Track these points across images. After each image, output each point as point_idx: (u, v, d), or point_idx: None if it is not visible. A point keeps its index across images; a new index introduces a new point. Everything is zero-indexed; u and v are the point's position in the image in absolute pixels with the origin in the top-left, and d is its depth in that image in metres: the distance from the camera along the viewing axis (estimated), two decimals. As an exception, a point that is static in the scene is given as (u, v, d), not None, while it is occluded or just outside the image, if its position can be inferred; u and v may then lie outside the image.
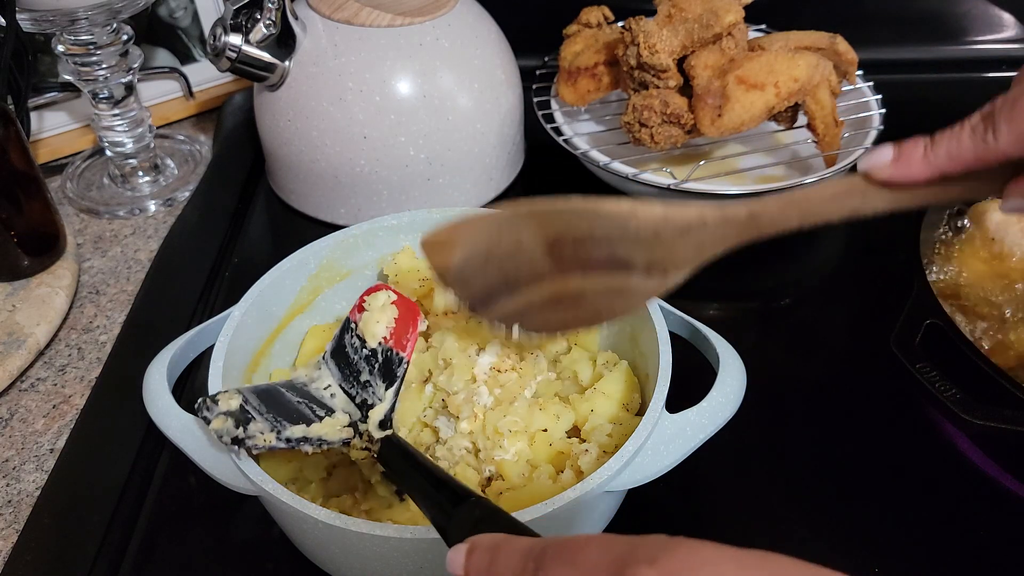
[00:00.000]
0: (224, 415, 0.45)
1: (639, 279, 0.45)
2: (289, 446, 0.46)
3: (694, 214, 0.43)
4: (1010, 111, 0.37)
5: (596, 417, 0.52)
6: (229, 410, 0.45)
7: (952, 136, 0.38)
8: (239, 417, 0.45)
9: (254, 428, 0.45)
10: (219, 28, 0.69)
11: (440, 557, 0.42)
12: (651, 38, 0.69)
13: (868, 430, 0.58)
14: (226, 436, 0.44)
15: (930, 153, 0.38)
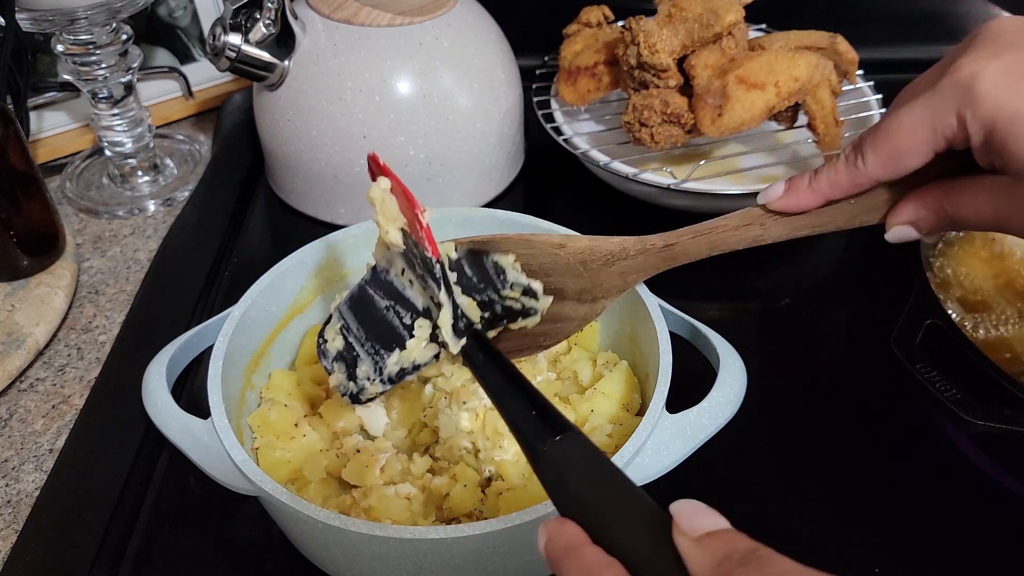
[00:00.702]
0: (337, 362, 0.46)
1: (572, 306, 0.48)
2: (392, 386, 0.47)
3: (616, 244, 0.47)
4: (873, 139, 0.40)
5: (596, 417, 0.52)
6: (338, 351, 0.47)
7: (831, 166, 0.42)
8: (347, 358, 0.47)
9: (362, 373, 0.47)
10: (218, 27, 0.69)
11: (440, 557, 0.42)
12: (651, 38, 0.69)
13: (868, 430, 0.58)
14: (345, 393, 0.45)
15: (814, 182, 0.42)
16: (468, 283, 0.48)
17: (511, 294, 0.48)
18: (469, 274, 0.48)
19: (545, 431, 0.35)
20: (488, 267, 0.48)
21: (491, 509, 0.48)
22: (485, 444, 0.50)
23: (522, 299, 0.48)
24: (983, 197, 0.39)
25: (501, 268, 0.48)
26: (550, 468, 0.33)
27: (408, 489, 0.49)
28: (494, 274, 0.48)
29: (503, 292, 0.48)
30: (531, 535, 0.43)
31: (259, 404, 0.54)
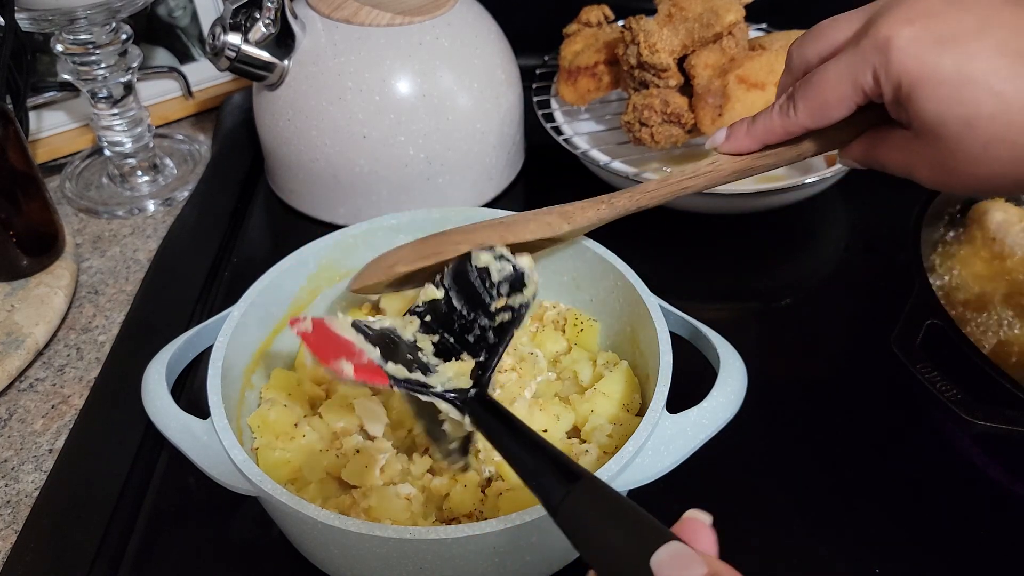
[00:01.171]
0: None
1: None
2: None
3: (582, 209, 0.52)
4: (804, 91, 0.44)
5: (596, 417, 0.52)
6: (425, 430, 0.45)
7: (766, 114, 0.47)
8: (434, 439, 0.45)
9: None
10: (218, 27, 0.69)
11: (440, 557, 0.42)
12: (651, 37, 0.69)
13: (868, 430, 0.58)
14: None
15: (751, 128, 0.47)
16: (458, 321, 0.48)
17: (499, 304, 0.48)
18: (458, 307, 0.49)
19: (559, 483, 0.35)
20: (473, 279, 0.49)
21: (491, 509, 0.48)
22: (485, 444, 0.50)
23: (510, 300, 0.48)
24: (895, 149, 0.44)
25: (485, 272, 0.48)
26: (568, 519, 0.34)
27: (408, 489, 0.49)
28: (480, 285, 0.48)
29: (492, 307, 0.48)
30: (531, 535, 0.43)
31: (259, 404, 0.54)
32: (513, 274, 0.48)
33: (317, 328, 0.45)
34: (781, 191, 0.70)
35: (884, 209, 0.77)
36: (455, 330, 0.48)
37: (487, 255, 0.49)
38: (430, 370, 0.45)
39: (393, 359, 0.45)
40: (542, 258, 0.60)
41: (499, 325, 0.48)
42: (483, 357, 0.47)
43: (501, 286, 0.48)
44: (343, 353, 0.43)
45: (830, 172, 0.72)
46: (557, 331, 0.59)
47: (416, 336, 0.48)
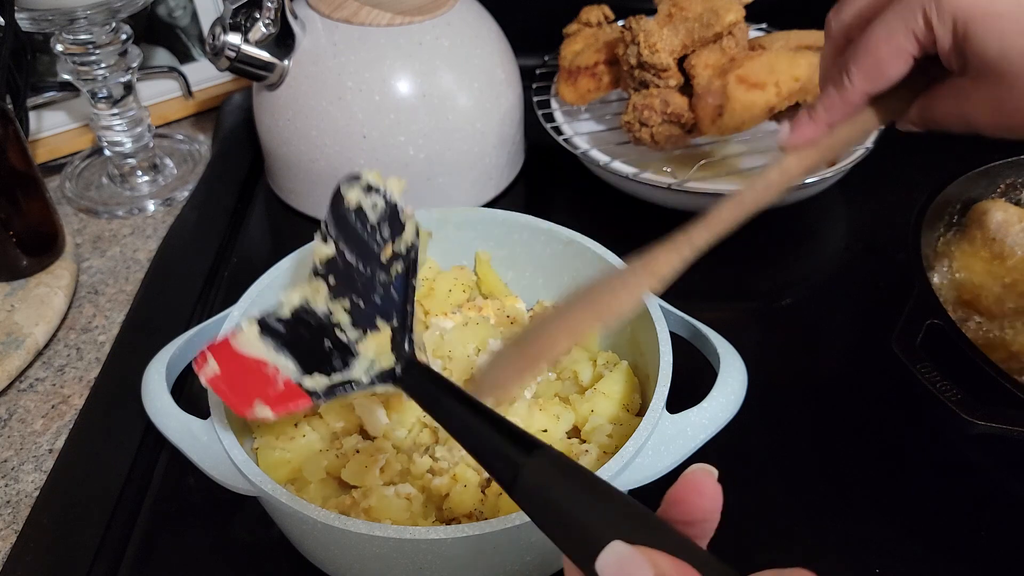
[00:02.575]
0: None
1: None
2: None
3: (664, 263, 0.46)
4: (855, 56, 0.42)
5: (596, 417, 0.52)
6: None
7: (824, 95, 0.44)
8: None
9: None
10: (218, 27, 0.69)
11: (440, 557, 0.42)
12: (651, 37, 0.69)
13: (869, 430, 0.58)
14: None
15: (812, 114, 0.45)
16: (359, 280, 0.44)
17: (387, 253, 0.44)
18: (353, 262, 0.44)
19: (513, 454, 0.32)
20: (353, 222, 0.44)
21: (491, 509, 0.48)
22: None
23: (396, 246, 0.44)
24: (952, 100, 0.42)
25: (361, 213, 0.44)
26: (527, 493, 0.31)
27: (408, 489, 0.49)
28: (361, 230, 0.44)
29: (382, 256, 0.44)
30: (531, 535, 0.43)
31: (259, 404, 0.54)
32: (387, 208, 0.44)
33: (223, 360, 0.42)
34: (781, 191, 0.70)
35: (884, 209, 0.77)
36: (360, 291, 0.44)
37: (355, 191, 0.45)
38: (352, 353, 0.42)
39: (311, 359, 0.42)
40: (539, 259, 0.60)
41: (396, 279, 0.44)
42: (395, 322, 0.43)
43: (382, 228, 0.44)
44: (257, 384, 0.41)
45: (830, 172, 0.72)
46: (557, 331, 0.59)
47: (329, 305, 0.44)
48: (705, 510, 0.28)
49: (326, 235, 0.46)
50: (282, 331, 0.43)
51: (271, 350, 0.43)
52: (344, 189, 0.45)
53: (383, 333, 0.43)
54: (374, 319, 0.43)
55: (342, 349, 0.43)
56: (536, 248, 0.60)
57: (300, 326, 0.44)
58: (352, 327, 0.44)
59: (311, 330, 0.44)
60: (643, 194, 0.75)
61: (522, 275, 0.61)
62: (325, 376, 0.42)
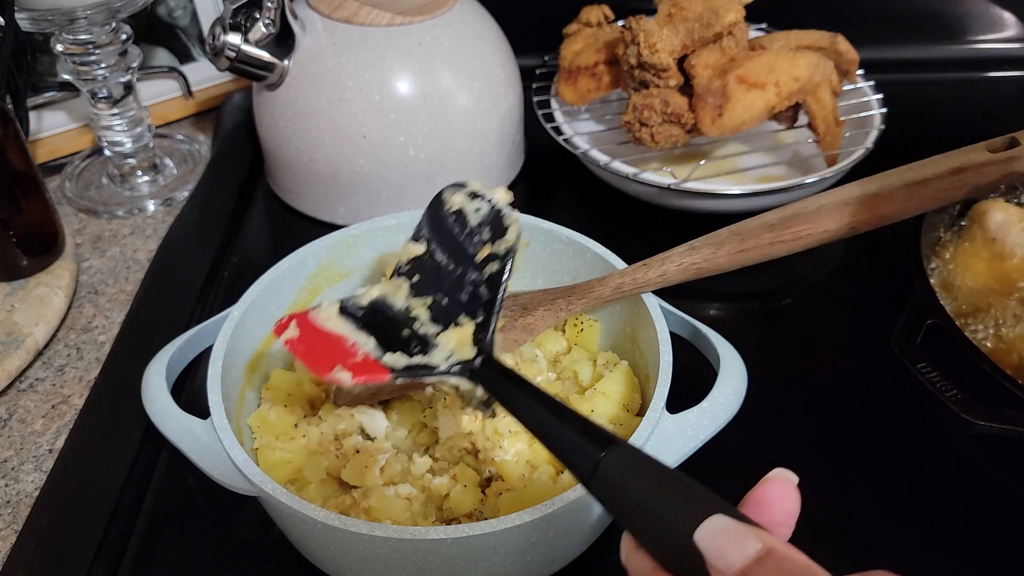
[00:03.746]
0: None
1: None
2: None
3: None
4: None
5: (596, 417, 0.52)
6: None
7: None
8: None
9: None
10: (218, 27, 0.69)
11: (440, 558, 0.42)
12: (651, 37, 0.69)
13: (869, 430, 0.58)
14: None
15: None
16: (447, 278, 0.45)
17: (483, 253, 0.44)
18: (443, 262, 0.45)
19: (590, 448, 0.33)
20: (450, 224, 0.45)
21: (491, 509, 0.48)
22: (485, 444, 0.50)
23: (494, 248, 0.44)
24: None
25: (461, 215, 0.45)
26: (603, 487, 0.32)
27: (408, 489, 0.49)
28: (459, 232, 0.45)
29: (477, 258, 0.44)
30: (531, 535, 0.43)
31: (259, 404, 0.54)
32: (491, 213, 0.45)
33: (304, 329, 0.43)
34: (781, 191, 0.70)
35: (884, 209, 0.77)
36: (446, 289, 0.45)
37: (459, 195, 0.46)
38: (430, 344, 0.43)
39: (389, 343, 0.42)
40: (539, 259, 0.60)
41: (488, 278, 0.44)
42: (481, 317, 0.43)
43: (482, 230, 0.45)
44: (336, 354, 0.41)
45: (830, 172, 0.72)
46: (557, 331, 0.59)
47: (409, 302, 0.45)
48: (786, 512, 0.28)
49: (420, 237, 0.47)
50: (360, 315, 0.44)
51: (350, 327, 0.43)
52: (446, 194, 0.46)
53: (465, 328, 0.43)
54: (457, 315, 0.44)
55: (419, 339, 0.43)
56: (536, 248, 0.60)
57: (377, 315, 0.45)
58: (431, 322, 0.44)
59: (388, 320, 0.44)
60: (643, 194, 0.76)
61: (522, 275, 0.61)
62: (404, 355, 0.42)
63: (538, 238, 0.59)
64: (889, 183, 0.54)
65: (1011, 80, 0.96)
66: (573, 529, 0.47)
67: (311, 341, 0.43)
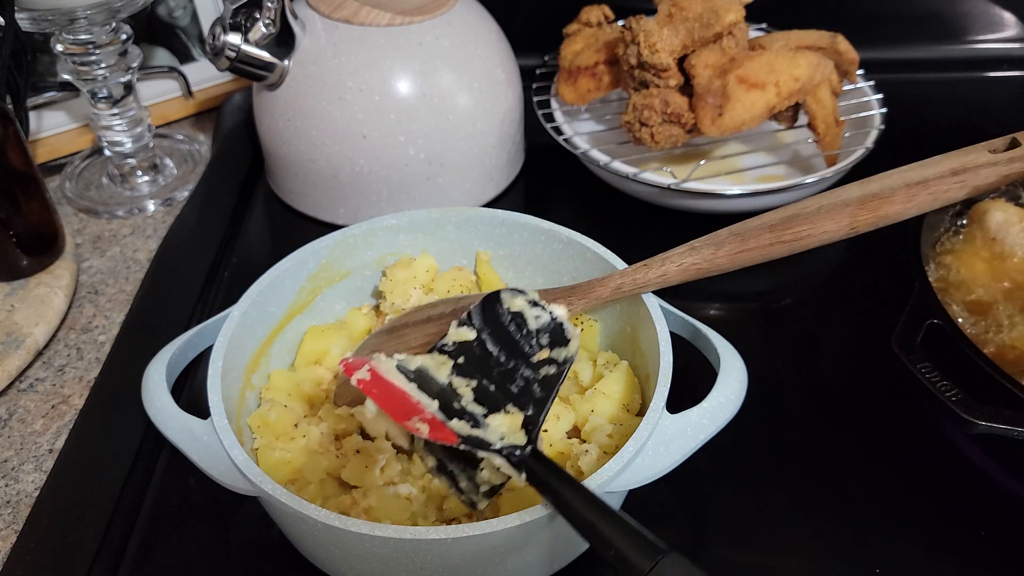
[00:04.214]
0: (440, 475, 0.45)
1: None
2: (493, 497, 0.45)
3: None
4: None
5: (596, 417, 0.52)
6: (433, 467, 0.45)
7: None
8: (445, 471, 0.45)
9: (465, 488, 0.45)
10: (218, 27, 0.69)
11: (440, 558, 0.42)
12: (651, 37, 0.69)
13: (869, 430, 0.58)
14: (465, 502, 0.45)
15: None
16: (496, 368, 0.47)
17: (541, 356, 0.47)
18: (494, 353, 0.47)
19: (641, 556, 0.35)
20: (506, 323, 0.48)
21: (491, 509, 0.48)
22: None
23: (553, 354, 0.47)
24: None
25: (521, 317, 0.48)
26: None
27: (408, 489, 0.49)
28: (516, 331, 0.47)
29: (532, 357, 0.47)
30: (531, 535, 0.43)
31: (259, 404, 0.54)
32: (551, 323, 0.47)
33: (373, 374, 0.44)
34: (781, 191, 0.70)
35: (884, 209, 0.77)
36: (494, 377, 0.47)
37: (520, 299, 0.48)
38: (479, 423, 0.44)
39: (447, 410, 0.44)
40: (539, 259, 0.60)
41: (543, 378, 0.46)
42: (530, 411, 0.45)
43: (541, 336, 0.47)
44: (404, 406, 0.43)
45: (830, 172, 0.72)
46: (557, 331, 0.59)
47: (451, 380, 0.46)
48: None
49: (468, 324, 0.49)
50: (412, 377, 0.46)
51: (412, 386, 0.45)
52: (506, 296, 0.49)
53: (515, 417, 0.45)
54: (505, 404, 0.45)
55: (469, 415, 0.45)
56: (536, 248, 0.60)
57: (423, 382, 0.46)
58: (475, 403, 0.46)
59: (433, 391, 0.46)
60: (643, 194, 0.76)
61: (522, 275, 0.61)
62: (466, 424, 0.44)
63: (538, 238, 0.59)
64: (889, 183, 0.54)
65: (1011, 80, 0.96)
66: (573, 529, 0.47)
67: (380, 387, 0.44)
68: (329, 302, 0.60)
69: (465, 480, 0.45)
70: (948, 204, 0.54)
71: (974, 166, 0.54)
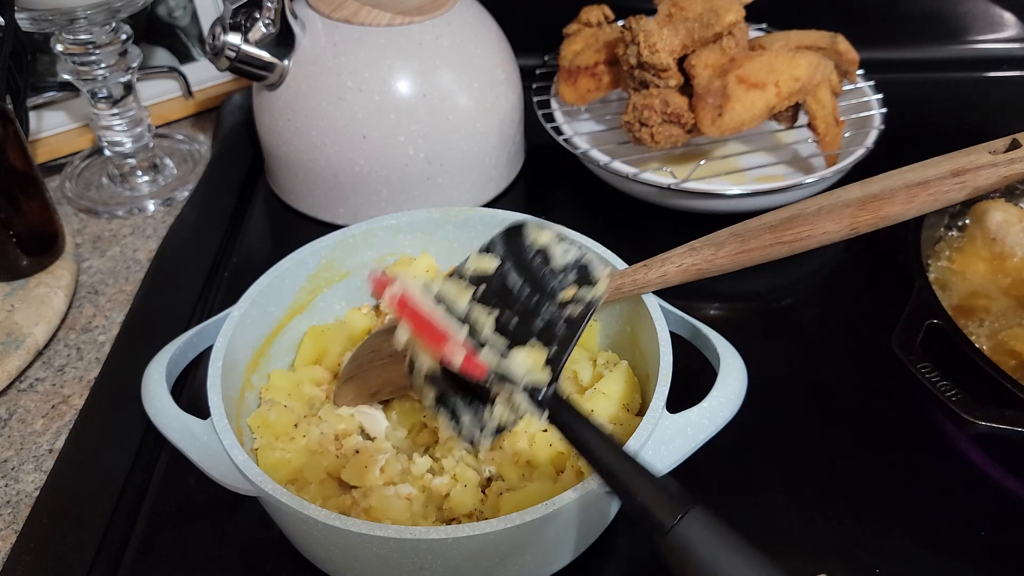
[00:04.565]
0: (440, 407, 0.42)
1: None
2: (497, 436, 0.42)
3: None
4: None
5: (596, 417, 0.52)
6: (434, 400, 0.42)
7: None
8: (447, 404, 0.42)
9: (467, 422, 0.42)
10: (218, 27, 0.69)
11: (440, 557, 0.42)
12: (651, 37, 0.69)
13: (869, 430, 0.58)
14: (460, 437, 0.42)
15: None
16: (519, 302, 0.44)
17: (567, 294, 0.44)
18: (516, 286, 0.45)
19: (671, 505, 0.34)
20: (530, 257, 0.45)
21: (491, 509, 0.48)
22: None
23: (580, 292, 0.44)
24: None
25: (546, 252, 0.45)
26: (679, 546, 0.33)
27: (408, 489, 0.49)
28: (540, 266, 0.45)
29: (558, 294, 0.44)
30: (531, 535, 0.43)
31: (259, 404, 0.54)
32: (578, 261, 0.45)
33: (403, 295, 0.41)
34: (781, 191, 0.70)
35: (884, 209, 0.77)
36: (516, 310, 0.44)
37: (547, 233, 0.46)
38: (504, 356, 0.41)
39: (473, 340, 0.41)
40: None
41: (568, 318, 0.44)
42: (554, 349, 0.42)
43: (567, 273, 0.45)
44: (434, 332, 0.40)
45: (830, 172, 0.72)
46: (557, 331, 0.59)
47: (473, 308, 0.43)
48: None
49: (491, 251, 0.46)
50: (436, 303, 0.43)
51: (441, 311, 0.42)
52: (531, 227, 0.46)
53: (538, 353, 0.43)
54: (527, 338, 0.43)
55: (492, 346, 0.42)
56: (536, 248, 0.60)
57: (446, 309, 0.43)
58: (496, 334, 0.43)
59: (455, 318, 0.43)
60: (643, 194, 0.76)
61: (522, 275, 0.61)
62: (495, 356, 0.41)
63: (538, 238, 0.59)
64: (889, 184, 0.54)
65: (1011, 80, 0.96)
66: (573, 529, 0.47)
67: (410, 310, 0.41)
68: (329, 302, 0.60)
69: (469, 416, 0.42)
70: (948, 205, 0.54)
71: (974, 167, 0.54)
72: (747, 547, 0.33)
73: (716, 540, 0.33)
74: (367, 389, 0.53)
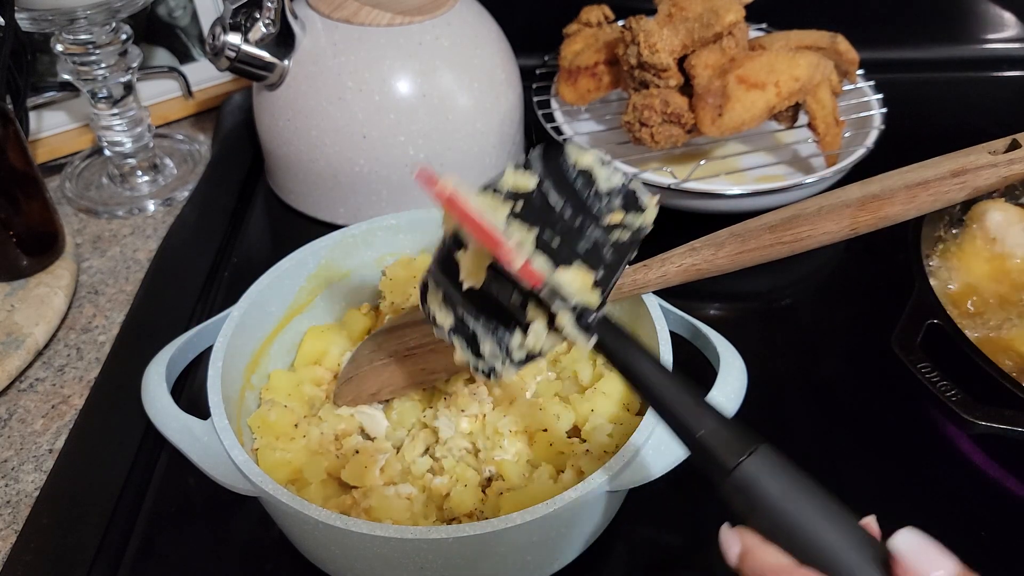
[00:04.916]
0: (455, 335, 0.40)
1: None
2: (522, 367, 0.40)
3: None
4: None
5: (596, 417, 0.52)
6: (451, 327, 0.40)
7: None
8: (465, 333, 0.40)
9: (487, 352, 0.40)
10: (218, 27, 0.69)
11: (441, 557, 0.42)
12: (651, 37, 0.69)
13: (869, 430, 0.58)
14: (476, 369, 0.39)
15: None
16: (560, 223, 0.40)
17: (614, 218, 0.41)
18: (558, 207, 0.41)
19: (735, 445, 0.32)
20: (572, 178, 0.41)
21: (491, 509, 0.48)
22: (485, 444, 0.50)
23: (627, 219, 0.41)
24: None
25: (589, 175, 0.42)
26: (740, 491, 0.32)
27: (408, 489, 0.49)
28: (584, 188, 0.41)
29: (605, 220, 0.41)
30: (531, 535, 0.43)
31: (258, 405, 0.54)
32: (624, 187, 0.42)
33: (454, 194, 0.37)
34: (781, 191, 0.70)
35: (884, 209, 0.77)
36: (558, 230, 0.40)
37: (589, 155, 0.42)
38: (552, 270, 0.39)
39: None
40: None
41: (615, 243, 0.40)
42: (601, 273, 0.39)
43: (613, 197, 0.42)
44: (485, 235, 0.36)
45: (830, 172, 0.72)
46: (557, 331, 0.59)
47: (511, 223, 0.39)
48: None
49: (528, 168, 0.42)
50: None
51: (499, 218, 0.38)
52: (572, 148, 0.43)
53: (586, 274, 0.39)
54: (572, 259, 0.40)
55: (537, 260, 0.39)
56: (536, 248, 0.60)
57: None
58: (538, 251, 0.39)
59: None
60: (643, 194, 0.75)
61: (522, 275, 0.61)
62: (550, 266, 0.38)
63: (538, 238, 0.59)
64: (889, 184, 0.54)
65: (1011, 80, 0.96)
66: (573, 529, 0.47)
67: (460, 209, 0.37)
68: (329, 302, 0.60)
69: (491, 344, 0.40)
70: (948, 205, 0.54)
71: (974, 167, 0.54)
72: (818, 489, 0.32)
73: (785, 480, 0.32)
74: (367, 389, 0.53)
